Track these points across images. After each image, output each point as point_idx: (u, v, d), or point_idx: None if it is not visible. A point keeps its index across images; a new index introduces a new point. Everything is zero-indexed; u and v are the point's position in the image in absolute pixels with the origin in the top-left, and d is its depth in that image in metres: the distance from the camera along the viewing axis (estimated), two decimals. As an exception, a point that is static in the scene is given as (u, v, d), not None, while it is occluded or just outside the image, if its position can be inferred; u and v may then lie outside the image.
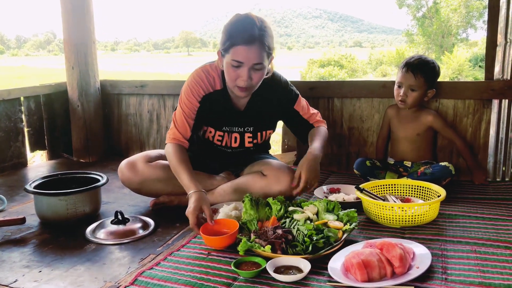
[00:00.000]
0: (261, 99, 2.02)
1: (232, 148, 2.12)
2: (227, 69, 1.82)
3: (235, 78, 1.81)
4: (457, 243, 1.62)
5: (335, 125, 2.65)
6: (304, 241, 1.54)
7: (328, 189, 2.24)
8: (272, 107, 2.06)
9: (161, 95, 3.05)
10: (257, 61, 1.77)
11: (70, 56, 2.98)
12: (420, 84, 2.24)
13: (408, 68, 2.25)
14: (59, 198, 1.92)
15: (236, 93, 1.88)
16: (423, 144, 2.35)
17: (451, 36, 28.65)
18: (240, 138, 2.09)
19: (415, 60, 2.26)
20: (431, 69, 2.25)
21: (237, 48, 1.74)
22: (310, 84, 2.63)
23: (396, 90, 2.33)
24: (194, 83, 1.96)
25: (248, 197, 1.81)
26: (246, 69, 1.78)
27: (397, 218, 1.78)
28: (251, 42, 1.73)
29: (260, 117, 2.08)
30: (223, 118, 2.05)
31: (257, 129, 2.10)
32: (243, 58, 1.75)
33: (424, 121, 2.34)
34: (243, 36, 1.73)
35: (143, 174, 2.05)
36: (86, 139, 3.09)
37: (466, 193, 2.19)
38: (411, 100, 2.27)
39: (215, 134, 2.08)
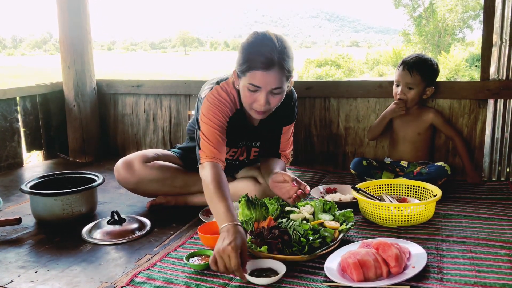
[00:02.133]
0: (273, 115, 1.87)
1: (239, 161, 2.10)
2: (244, 92, 1.69)
3: (251, 102, 1.70)
4: (453, 243, 1.62)
5: (332, 125, 2.65)
6: (300, 241, 1.54)
7: (325, 189, 2.24)
8: (279, 122, 1.99)
9: (158, 95, 3.05)
10: (275, 85, 1.64)
11: (66, 56, 2.97)
12: (417, 82, 2.25)
13: (405, 66, 2.27)
14: (55, 198, 1.91)
15: (252, 115, 1.77)
16: (422, 144, 2.36)
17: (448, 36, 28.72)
18: (247, 151, 2.06)
19: (412, 58, 2.27)
20: (428, 66, 2.26)
21: (255, 73, 1.61)
22: (307, 84, 2.64)
23: (394, 88, 2.34)
24: (218, 102, 1.79)
25: (244, 198, 1.81)
26: (264, 94, 1.65)
27: (393, 218, 1.79)
28: (270, 67, 1.60)
29: (269, 132, 2.02)
30: (240, 136, 1.98)
31: (263, 143, 2.06)
32: (261, 83, 1.63)
33: (425, 119, 2.35)
34: (262, 60, 1.59)
35: (140, 174, 2.05)
36: (82, 139, 3.09)
37: (462, 192, 2.20)
38: (409, 98, 2.28)
39: (229, 151, 2.01)
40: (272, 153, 2.07)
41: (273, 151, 2.07)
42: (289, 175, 1.73)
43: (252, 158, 2.10)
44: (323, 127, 2.67)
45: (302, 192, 1.70)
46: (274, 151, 2.07)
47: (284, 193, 1.75)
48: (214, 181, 1.63)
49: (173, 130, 3.05)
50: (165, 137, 3.09)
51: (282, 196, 1.76)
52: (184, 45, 64.00)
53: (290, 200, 1.74)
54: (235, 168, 2.17)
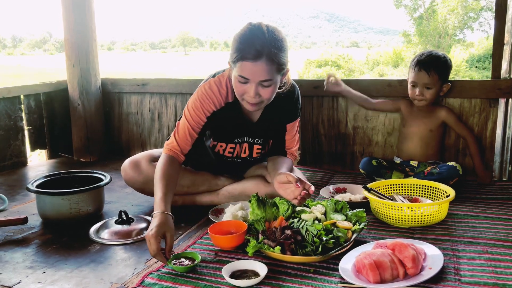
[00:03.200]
0: (274, 111, 1.91)
1: (241, 158, 2.07)
2: (235, 83, 1.71)
3: (242, 93, 1.71)
4: (468, 244, 1.60)
5: (340, 124, 2.62)
6: (313, 242, 1.52)
7: (334, 188, 2.22)
8: (281, 118, 1.97)
9: (163, 94, 3.02)
10: (264, 77, 1.64)
11: (71, 54, 2.95)
12: (435, 81, 2.21)
13: (421, 66, 2.21)
14: (62, 198, 1.88)
15: (245, 106, 1.77)
16: (433, 142, 2.32)
17: (448, 37, 28.71)
18: (249, 148, 2.04)
19: (426, 57, 2.22)
20: (443, 63, 2.21)
21: (244, 64, 1.62)
22: (315, 82, 2.61)
23: (411, 90, 2.28)
24: (205, 96, 1.83)
25: (255, 197, 1.78)
26: (253, 86, 1.65)
27: (406, 218, 1.76)
28: (257, 58, 1.60)
29: (271, 128, 1.99)
30: (236, 131, 1.97)
31: (266, 140, 2.04)
32: (249, 74, 1.63)
33: (437, 116, 2.31)
34: (250, 51, 1.60)
35: (147, 173, 2.02)
36: (86, 138, 3.06)
37: (473, 193, 2.17)
38: (429, 97, 2.24)
39: (226, 147, 2.01)
40: (278, 151, 2.05)
41: (279, 149, 2.04)
42: (293, 176, 1.68)
43: (255, 156, 2.06)
44: (331, 127, 2.65)
45: (306, 193, 1.65)
46: (280, 149, 2.04)
47: (289, 194, 1.71)
48: (160, 171, 1.72)
49: (178, 129, 3.02)
50: (170, 136, 3.05)
51: (286, 197, 1.72)
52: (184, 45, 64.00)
53: (295, 201, 1.69)
54: (240, 167, 2.14)
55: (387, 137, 2.55)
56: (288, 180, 1.69)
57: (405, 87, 2.43)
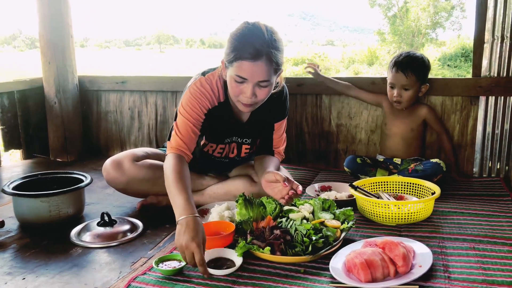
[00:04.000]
0: (264, 111, 1.87)
1: (228, 158, 2.04)
2: (230, 83, 1.66)
3: (238, 94, 1.66)
4: (455, 240, 1.61)
5: (323, 122, 2.62)
6: (303, 241, 1.50)
7: (320, 187, 2.21)
8: (270, 118, 1.95)
9: (143, 92, 2.95)
10: (262, 78, 1.60)
11: (46, 50, 2.85)
12: (412, 82, 2.22)
13: (398, 67, 2.21)
14: (41, 200, 1.81)
15: (239, 107, 1.74)
16: (414, 140, 2.34)
17: (421, 35, 29.25)
18: (238, 148, 2.00)
19: (403, 58, 2.22)
20: (421, 64, 2.23)
21: (242, 63, 1.57)
22: (298, 80, 2.59)
23: (389, 91, 2.29)
24: (199, 93, 1.77)
25: (242, 197, 1.75)
26: (250, 86, 1.61)
27: (392, 216, 1.76)
28: (257, 58, 1.56)
29: (260, 128, 1.97)
30: (226, 131, 1.93)
31: (254, 140, 2.01)
32: (248, 74, 1.59)
33: (418, 115, 2.33)
34: (249, 50, 1.55)
35: (130, 173, 1.97)
36: (63, 138, 2.96)
37: (455, 189, 2.19)
38: (406, 99, 2.25)
39: (216, 148, 1.97)
40: (265, 150, 2.02)
41: (266, 148, 2.02)
42: (280, 175, 1.67)
43: (243, 156, 2.04)
44: (314, 125, 2.64)
45: (294, 193, 1.64)
46: (267, 148, 2.02)
47: (276, 193, 1.69)
48: (174, 172, 1.60)
49: (159, 127, 2.96)
50: (151, 135, 3.00)
51: (274, 196, 1.71)
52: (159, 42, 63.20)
53: (282, 201, 1.68)
54: (226, 166, 2.11)
55: (370, 135, 2.56)
56: (275, 179, 1.67)
57: (377, 85, 2.44)
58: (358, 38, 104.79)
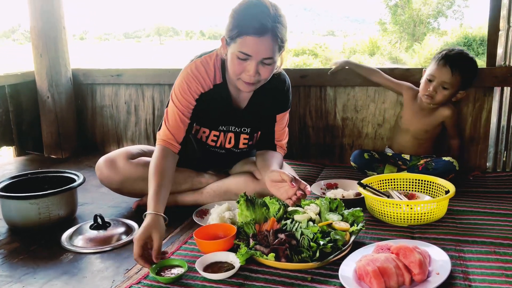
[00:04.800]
0: (263, 97, 1.81)
1: (225, 149, 1.93)
2: (232, 60, 1.58)
3: (240, 72, 1.59)
4: (473, 244, 1.49)
5: (328, 115, 2.50)
6: (310, 246, 1.39)
7: (325, 184, 2.10)
8: (271, 108, 1.86)
9: (139, 85, 2.83)
10: (267, 55, 1.54)
11: (37, 42, 2.72)
12: (455, 82, 1.99)
13: (447, 62, 1.97)
14: (30, 202, 1.70)
15: (239, 86, 1.66)
16: (425, 142, 2.20)
17: (423, 25, 28.97)
18: (235, 138, 1.90)
19: (455, 53, 1.98)
20: (472, 68, 2.01)
21: (246, 39, 1.51)
22: (302, 72, 2.47)
23: (425, 83, 2.05)
24: (192, 78, 1.71)
25: (243, 197, 1.64)
26: (254, 63, 1.55)
27: (404, 216, 1.65)
28: (263, 33, 1.50)
29: (259, 117, 1.87)
30: (221, 117, 1.83)
31: (254, 130, 1.90)
32: (252, 51, 1.52)
33: (438, 116, 2.13)
34: (254, 25, 1.49)
35: (124, 172, 1.86)
36: (57, 133, 2.85)
37: (466, 186, 2.07)
38: (439, 98, 2.04)
39: (209, 134, 1.88)
40: (267, 144, 1.92)
41: (268, 142, 1.92)
42: (287, 174, 1.56)
43: (242, 147, 1.93)
44: (319, 118, 2.52)
45: (302, 194, 1.54)
46: (269, 142, 1.91)
47: (282, 193, 1.59)
48: (153, 166, 1.61)
49: (156, 122, 2.84)
50: (148, 130, 2.88)
51: (280, 196, 1.60)
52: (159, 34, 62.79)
53: (289, 202, 1.57)
54: (225, 160, 2.00)
55: (378, 129, 2.44)
56: (281, 179, 1.57)
57: (396, 75, 2.32)
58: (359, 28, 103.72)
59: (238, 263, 1.36)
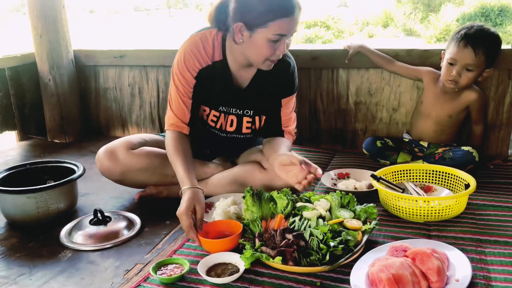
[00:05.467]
0: (266, 79, 1.74)
1: (227, 133, 1.84)
2: (262, 45, 1.54)
3: (271, 54, 1.57)
4: (495, 244, 1.40)
5: (340, 99, 2.37)
6: (319, 248, 1.31)
7: (336, 174, 1.99)
8: (275, 91, 1.78)
9: (143, 67, 2.72)
10: (296, 30, 1.56)
11: (36, 23, 2.61)
12: (480, 63, 1.85)
13: (468, 42, 1.82)
14: (27, 196, 1.63)
15: (262, 67, 1.64)
16: (449, 128, 2.06)
17: (439, -6, 28.06)
18: (238, 122, 1.81)
19: (476, 31, 1.83)
20: (496, 43, 1.87)
21: (280, 22, 1.49)
22: (313, 53, 2.33)
23: (447, 67, 1.90)
24: (189, 54, 1.67)
25: (249, 192, 1.55)
26: (284, 40, 1.56)
27: (420, 212, 1.55)
28: (294, 12, 1.51)
29: (262, 99, 1.78)
30: (221, 96, 1.76)
31: (257, 112, 1.81)
32: (287, 31, 1.52)
33: (463, 100, 1.99)
34: (287, 7, 1.49)
35: (125, 163, 1.78)
36: (60, 117, 2.77)
37: (486, 176, 1.95)
38: (465, 82, 1.89)
39: (209, 113, 1.81)
40: (273, 131, 1.83)
41: (275, 128, 1.83)
42: (296, 157, 1.50)
43: (245, 131, 1.84)
44: (330, 102, 2.39)
45: (313, 177, 1.46)
46: (276, 128, 1.82)
47: (291, 177, 1.51)
48: (173, 148, 1.66)
49: (161, 105, 2.74)
50: (153, 113, 2.78)
51: (289, 180, 1.53)
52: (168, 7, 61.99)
53: (299, 186, 1.49)
54: (228, 144, 1.91)
55: (393, 114, 2.31)
56: (291, 162, 1.50)
57: (413, 57, 2.18)
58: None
59: (243, 265, 1.29)
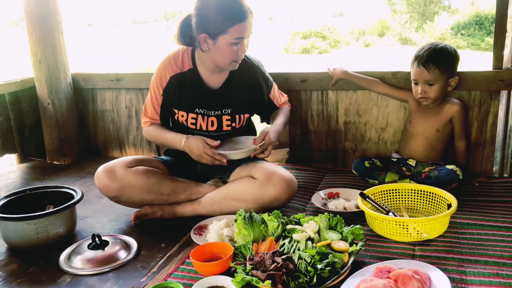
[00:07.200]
0: (238, 79, 1.97)
1: (208, 132, 2.00)
2: (225, 49, 1.78)
3: (234, 55, 1.80)
4: (476, 263, 1.46)
5: (330, 119, 2.45)
6: (307, 271, 1.37)
7: (326, 194, 2.06)
8: (249, 91, 1.99)
9: (139, 89, 2.80)
10: (251, 30, 1.80)
11: (36, 49, 2.69)
12: (437, 76, 2.00)
13: (419, 62, 2.00)
14: (27, 222, 1.69)
15: (230, 68, 1.89)
16: (439, 143, 2.14)
17: (433, 4, 28.36)
18: (218, 121, 1.98)
19: (424, 51, 2.00)
20: (445, 57, 2.00)
21: (238, 27, 1.74)
22: (303, 76, 2.41)
23: (414, 87, 2.08)
24: (161, 66, 1.95)
25: (241, 215, 1.62)
26: (243, 42, 1.80)
27: (404, 232, 1.62)
28: (247, 16, 1.75)
29: (237, 98, 1.97)
30: (195, 99, 1.95)
31: (235, 111, 1.99)
32: (244, 33, 1.77)
33: (447, 113, 2.10)
34: (240, 13, 1.74)
35: (122, 179, 1.86)
36: (59, 139, 2.84)
37: (471, 194, 2.02)
38: (434, 95, 2.03)
39: (187, 117, 1.98)
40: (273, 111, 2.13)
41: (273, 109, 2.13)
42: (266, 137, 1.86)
43: (225, 129, 1.99)
44: (320, 122, 2.47)
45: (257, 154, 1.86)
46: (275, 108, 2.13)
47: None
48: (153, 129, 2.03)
49: (158, 126, 2.81)
50: (150, 134, 2.85)
51: None
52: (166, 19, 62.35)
53: None
54: None
55: (381, 133, 2.39)
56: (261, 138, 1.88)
57: (399, 79, 2.26)
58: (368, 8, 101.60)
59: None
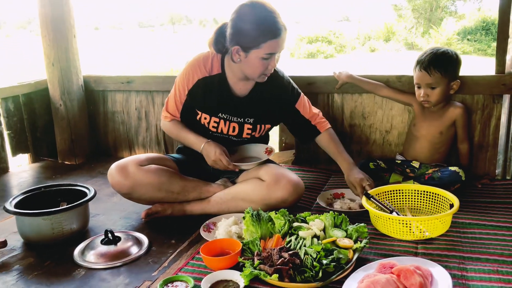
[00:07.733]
0: (264, 90, 2.00)
1: (229, 136, 2.06)
2: (256, 63, 1.83)
3: (264, 70, 1.85)
4: (477, 261, 1.50)
5: (336, 122, 2.50)
6: (313, 266, 1.42)
7: (332, 194, 2.11)
8: (274, 103, 2.03)
9: (149, 92, 2.87)
10: (284, 46, 1.84)
11: (49, 52, 2.77)
12: (438, 79, 2.06)
13: (420, 66, 2.07)
14: (42, 218, 1.76)
15: (259, 80, 1.92)
16: (442, 146, 2.19)
17: (440, 9, 28.36)
18: (239, 128, 2.03)
19: (426, 56, 2.07)
20: (446, 61, 2.06)
21: (272, 42, 1.78)
22: (309, 79, 2.47)
23: (416, 91, 2.15)
24: (189, 67, 1.98)
25: (248, 213, 1.68)
26: (275, 57, 1.84)
27: (407, 231, 1.66)
28: (281, 33, 1.80)
29: (261, 109, 2.02)
30: (220, 104, 1.99)
31: (257, 121, 2.04)
32: (276, 49, 1.81)
33: (450, 116, 2.16)
34: (275, 30, 1.77)
35: (134, 177, 1.92)
36: (70, 140, 2.91)
37: (474, 195, 2.07)
38: (435, 98, 2.10)
39: (210, 120, 2.02)
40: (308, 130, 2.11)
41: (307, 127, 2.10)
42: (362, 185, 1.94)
43: (244, 136, 2.06)
44: (326, 125, 2.52)
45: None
46: (308, 126, 2.10)
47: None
48: (174, 126, 2.08)
49: (167, 128, 2.88)
50: (159, 136, 2.92)
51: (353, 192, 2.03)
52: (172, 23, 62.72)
53: None
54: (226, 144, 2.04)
55: (385, 135, 2.44)
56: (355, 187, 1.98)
57: (404, 83, 2.31)
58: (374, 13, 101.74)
59: (243, 282, 1.40)
